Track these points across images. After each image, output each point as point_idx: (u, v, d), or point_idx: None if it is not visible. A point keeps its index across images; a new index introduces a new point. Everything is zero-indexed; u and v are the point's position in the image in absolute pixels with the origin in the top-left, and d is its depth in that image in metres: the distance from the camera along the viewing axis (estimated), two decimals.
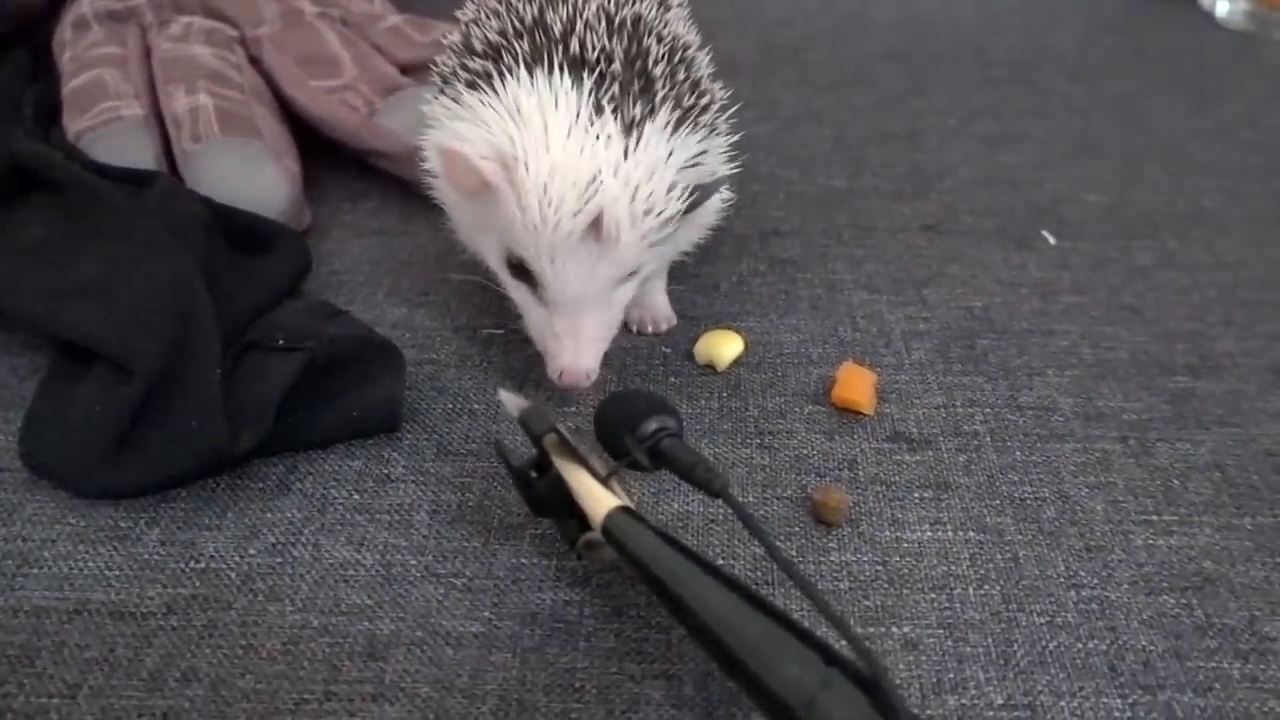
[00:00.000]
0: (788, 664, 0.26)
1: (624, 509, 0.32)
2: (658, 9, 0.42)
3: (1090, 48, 0.79)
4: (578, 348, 0.38)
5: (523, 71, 0.38)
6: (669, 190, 0.37)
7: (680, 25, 0.43)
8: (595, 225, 0.36)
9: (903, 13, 0.85)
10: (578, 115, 0.36)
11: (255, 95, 0.55)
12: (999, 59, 0.76)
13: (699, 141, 0.39)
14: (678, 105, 0.38)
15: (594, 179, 0.35)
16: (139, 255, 0.42)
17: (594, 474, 0.33)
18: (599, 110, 0.36)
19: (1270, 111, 0.69)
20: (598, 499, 0.32)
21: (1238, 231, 0.55)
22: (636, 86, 0.38)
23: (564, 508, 0.33)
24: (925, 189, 0.58)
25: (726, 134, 0.42)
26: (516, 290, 0.40)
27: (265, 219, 0.49)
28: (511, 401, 0.36)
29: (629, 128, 0.36)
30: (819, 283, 0.50)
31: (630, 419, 0.34)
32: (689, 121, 0.38)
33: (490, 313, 0.47)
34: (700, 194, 0.38)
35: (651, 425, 0.33)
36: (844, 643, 0.31)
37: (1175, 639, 0.33)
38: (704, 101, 0.40)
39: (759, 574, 0.35)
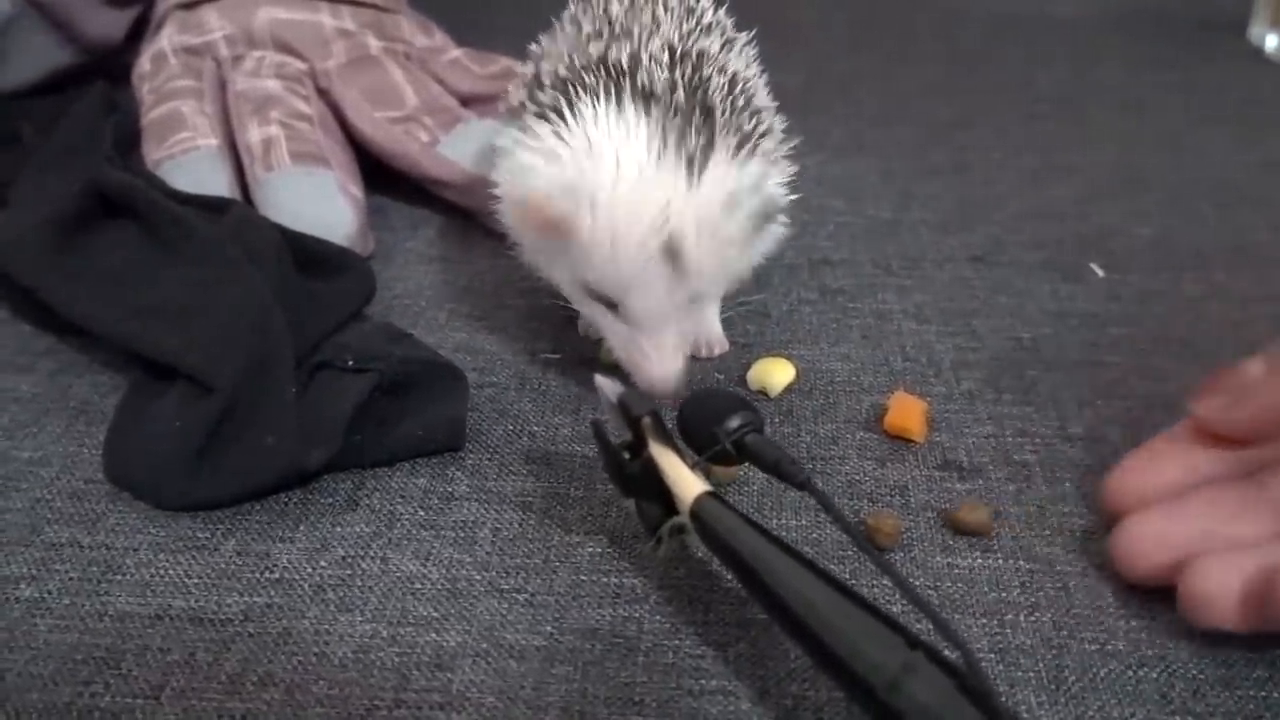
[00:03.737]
0: (871, 646, 0.27)
1: (712, 494, 0.33)
2: (721, 46, 0.44)
3: (1137, 81, 0.79)
4: (663, 359, 0.40)
5: (590, 104, 0.40)
6: (734, 216, 0.39)
7: (741, 61, 0.45)
8: (668, 255, 0.37)
9: (949, 46, 0.86)
10: (646, 148, 0.38)
11: (323, 126, 0.57)
12: (1045, 93, 0.77)
13: (757, 166, 0.41)
14: (738, 131, 0.40)
15: (664, 211, 0.37)
16: (218, 278, 0.44)
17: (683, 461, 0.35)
18: (664, 142, 0.38)
19: None
20: (688, 482, 0.34)
21: None
22: (698, 117, 0.39)
23: (652, 490, 0.35)
24: (972, 221, 0.59)
25: (784, 164, 0.44)
26: (596, 311, 0.41)
27: (332, 245, 0.51)
28: (609, 386, 0.37)
29: (692, 158, 0.38)
30: (869, 312, 0.51)
31: (717, 414, 0.35)
32: (748, 146, 0.40)
33: (548, 337, 0.49)
34: (764, 218, 0.39)
35: (736, 420, 0.35)
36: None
37: (1226, 668, 0.34)
38: (762, 129, 0.42)
39: None
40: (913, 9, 0.94)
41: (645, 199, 0.37)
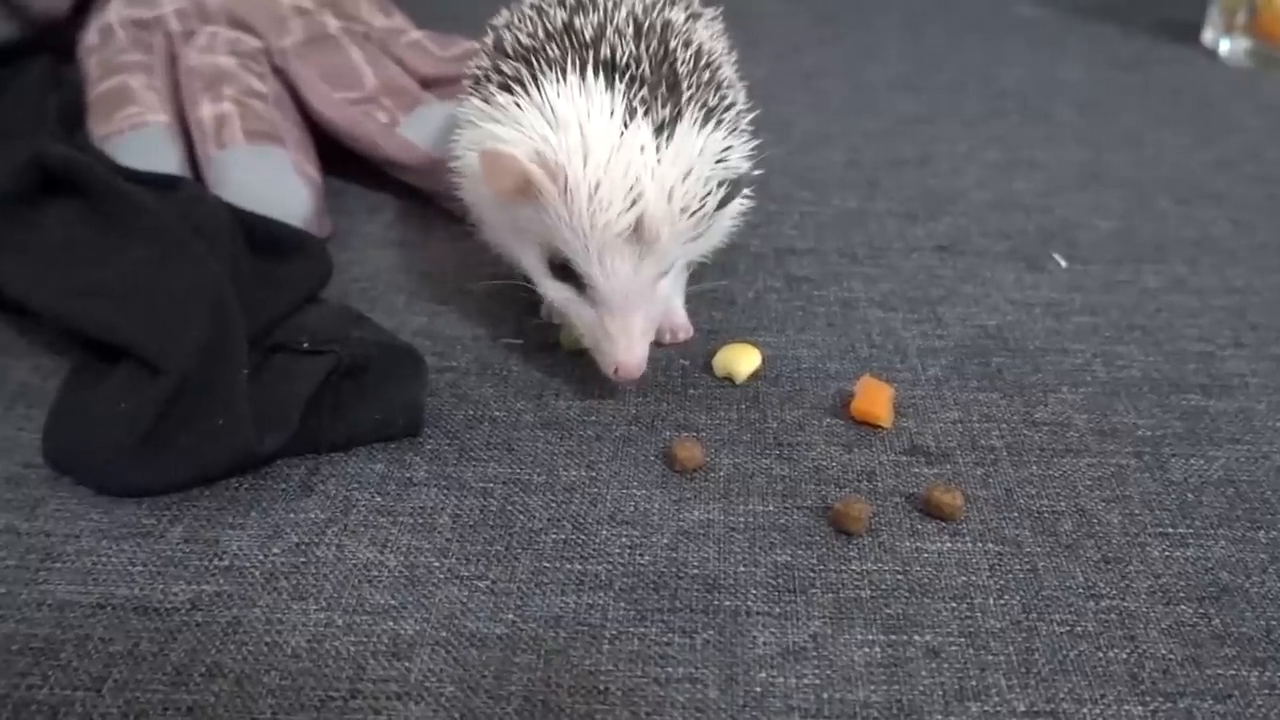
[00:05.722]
0: None
1: None
2: (685, 18, 0.43)
3: (1097, 82, 0.80)
4: (630, 343, 0.39)
5: (556, 75, 0.39)
6: (703, 187, 0.38)
7: (705, 33, 0.44)
8: (637, 226, 0.37)
9: (911, 45, 0.86)
10: (612, 117, 0.37)
11: (279, 104, 0.55)
12: (1007, 90, 0.77)
13: (723, 138, 0.40)
14: (703, 104, 0.40)
15: (634, 180, 0.36)
16: (167, 257, 0.42)
17: None
18: (631, 113, 0.37)
19: (1272, 146, 0.70)
20: None
21: (1245, 258, 0.56)
22: (664, 88, 0.39)
23: None
24: (938, 211, 0.59)
25: (747, 136, 0.44)
26: (560, 292, 0.40)
27: (287, 225, 0.49)
28: None
29: (660, 129, 0.38)
30: (835, 300, 0.51)
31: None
32: (714, 119, 0.40)
33: (509, 322, 0.48)
34: (730, 189, 0.39)
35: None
36: None
37: (1194, 647, 0.34)
38: (726, 101, 0.42)
39: (781, 581, 0.35)
40: (875, 8, 0.95)
41: (616, 172, 0.36)
